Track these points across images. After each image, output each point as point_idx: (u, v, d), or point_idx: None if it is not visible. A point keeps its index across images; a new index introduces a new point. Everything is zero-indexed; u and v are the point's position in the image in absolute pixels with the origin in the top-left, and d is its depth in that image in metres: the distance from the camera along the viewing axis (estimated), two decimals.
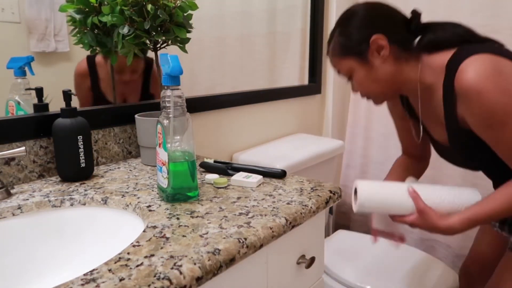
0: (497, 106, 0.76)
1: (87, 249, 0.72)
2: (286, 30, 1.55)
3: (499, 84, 0.76)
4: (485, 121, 0.79)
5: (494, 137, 0.80)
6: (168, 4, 0.85)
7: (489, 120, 0.78)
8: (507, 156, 0.81)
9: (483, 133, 0.81)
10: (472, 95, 0.77)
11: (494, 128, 0.78)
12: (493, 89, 0.75)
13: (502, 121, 0.77)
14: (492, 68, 0.77)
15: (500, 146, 0.80)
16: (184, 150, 0.71)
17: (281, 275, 0.71)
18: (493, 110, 0.76)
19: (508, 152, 0.80)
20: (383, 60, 0.88)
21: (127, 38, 0.85)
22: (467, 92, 0.78)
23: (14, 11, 0.82)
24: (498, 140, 0.80)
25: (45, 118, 0.86)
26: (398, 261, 1.32)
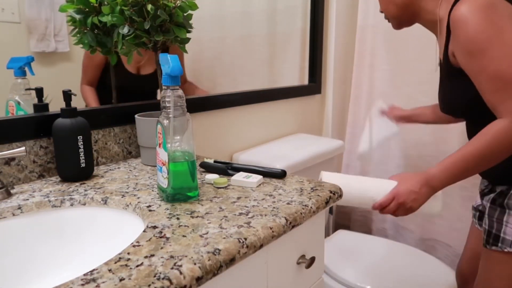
0: (479, 33, 0.78)
1: (87, 249, 0.72)
2: (286, 30, 1.55)
3: (484, 15, 0.78)
4: (467, 48, 0.81)
5: (475, 65, 0.81)
6: (168, 4, 0.85)
7: (470, 47, 0.80)
8: (484, 86, 0.81)
9: (466, 63, 0.83)
10: (459, 25, 0.81)
11: (475, 56, 0.80)
12: (477, 19, 0.78)
13: (483, 48, 0.78)
14: (486, 3, 0.79)
15: (479, 76, 0.81)
16: (184, 150, 0.71)
17: (281, 275, 0.71)
18: (475, 38, 0.79)
19: (485, 81, 0.81)
20: None
21: (127, 38, 0.85)
22: (455, 23, 0.81)
23: (14, 11, 0.82)
24: (478, 69, 0.81)
25: (45, 118, 0.86)
26: (398, 261, 1.32)
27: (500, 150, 0.80)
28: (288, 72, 1.61)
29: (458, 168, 0.84)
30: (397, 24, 1.02)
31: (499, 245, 0.93)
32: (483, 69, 0.80)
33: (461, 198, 1.52)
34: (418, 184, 0.87)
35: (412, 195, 0.87)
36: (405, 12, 0.97)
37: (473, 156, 0.82)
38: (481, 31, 0.78)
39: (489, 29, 0.78)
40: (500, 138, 0.79)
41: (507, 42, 0.77)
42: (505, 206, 0.93)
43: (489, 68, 0.79)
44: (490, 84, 0.80)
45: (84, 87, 0.95)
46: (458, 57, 0.85)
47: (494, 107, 0.81)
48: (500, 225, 0.93)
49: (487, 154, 0.81)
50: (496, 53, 0.78)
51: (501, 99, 0.79)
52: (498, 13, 0.79)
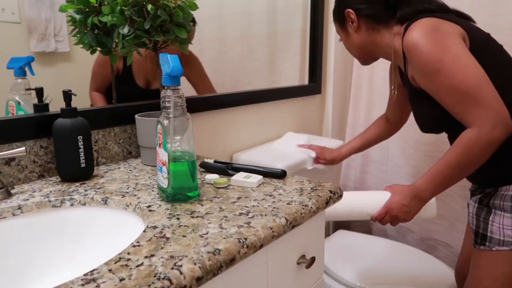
0: (429, 55, 0.86)
1: (87, 249, 0.72)
2: (286, 30, 1.55)
3: (433, 38, 0.86)
4: (422, 71, 0.89)
5: (432, 85, 0.89)
6: (168, 4, 0.85)
7: (425, 69, 0.88)
8: (446, 103, 0.88)
9: (425, 84, 0.91)
10: (411, 51, 0.89)
11: (430, 76, 0.88)
12: (427, 42, 0.86)
13: (436, 69, 0.85)
14: (431, 27, 0.88)
15: (439, 94, 0.88)
16: (184, 150, 0.71)
17: (281, 275, 0.71)
18: (427, 60, 0.86)
19: (446, 98, 0.87)
20: (354, 30, 1.06)
21: (127, 38, 0.85)
22: (407, 49, 0.90)
23: (14, 11, 0.82)
24: (436, 89, 0.88)
25: (45, 118, 0.86)
26: (398, 261, 1.32)
27: (473, 157, 0.86)
28: (288, 72, 1.61)
29: (440, 178, 0.90)
30: (362, 61, 1.14)
31: (487, 244, 0.95)
32: (440, 87, 0.87)
33: (461, 198, 1.52)
34: (408, 198, 0.94)
35: (404, 208, 0.95)
36: (363, 51, 1.09)
37: (450, 166, 0.88)
38: (430, 52, 0.86)
39: (437, 50, 0.85)
40: (470, 146, 0.85)
41: (454, 58, 0.84)
42: (491, 206, 0.95)
43: (445, 85, 0.86)
44: (450, 99, 0.87)
45: (93, 93, 0.96)
46: (417, 79, 0.92)
47: (460, 119, 0.87)
48: (486, 224, 0.95)
49: (462, 162, 0.87)
50: (448, 70, 0.84)
51: (464, 110, 0.85)
52: (442, 33, 0.87)
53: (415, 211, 0.95)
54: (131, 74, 1.03)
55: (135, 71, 1.03)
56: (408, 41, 0.89)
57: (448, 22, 0.90)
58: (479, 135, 0.83)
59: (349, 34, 1.08)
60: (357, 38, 1.06)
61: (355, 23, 1.04)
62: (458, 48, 0.85)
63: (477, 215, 0.98)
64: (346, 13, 1.04)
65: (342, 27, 1.09)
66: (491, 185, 0.96)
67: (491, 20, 1.35)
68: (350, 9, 1.03)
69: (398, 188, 0.97)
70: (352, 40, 1.08)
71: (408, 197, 0.94)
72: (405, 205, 0.94)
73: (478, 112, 0.83)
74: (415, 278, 1.23)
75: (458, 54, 0.85)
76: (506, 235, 0.92)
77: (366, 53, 1.09)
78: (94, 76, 0.95)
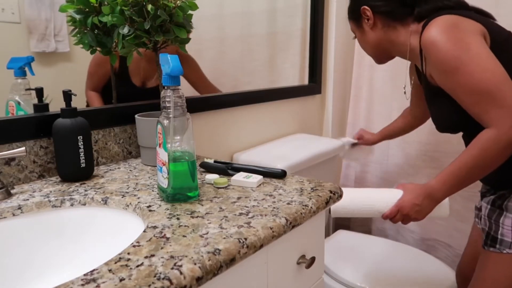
0: (448, 53, 0.84)
1: (87, 249, 0.72)
2: (286, 30, 1.55)
3: (450, 35, 0.85)
4: (441, 68, 0.87)
5: (450, 83, 0.87)
6: (168, 4, 0.85)
7: (443, 67, 0.86)
8: (464, 101, 0.86)
9: (443, 82, 0.89)
10: (429, 48, 0.87)
11: (448, 74, 0.86)
12: (445, 40, 0.85)
13: (455, 67, 0.84)
14: (449, 24, 0.87)
15: (457, 92, 0.86)
16: (184, 150, 0.71)
17: (281, 275, 0.71)
18: (446, 58, 0.85)
19: (464, 97, 0.85)
20: (370, 27, 1.06)
21: (127, 38, 0.85)
22: (426, 46, 0.88)
23: (14, 11, 0.82)
24: (454, 86, 0.86)
25: (45, 118, 0.86)
26: (398, 261, 1.32)
27: (491, 158, 0.83)
28: (288, 72, 1.61)
29: (454, 179, 0.88)
30: (376, 60, 1.14)
31: (497, 247, 0.94)
32: (458, 86, 0.85)
33: (462, 198, 1.52)
34: (420, 197, 0.91)
35: (415, 208, 0.92)
36: (379, 50, 1.08)
37: (466, 166, 0.86)
38: (449, 50, 0.84)
39: (456, 47, 0.84)
40: (488, 147, 0.82)
41: (474, 57, 0.82)
42: (504, 208, 0.94)
43: (464, 84, 0.84)
44: (468, 98, 0.84)
45: (89, 92, 0.96)
46: (435, 77, 0.90)
47: (479, 118, 0.85)
48: (497, 226, 0.94)
49: (479, 163, 0.84)
50: (467, 68, 0.82)
51: (483, 110, 0.83)
52: (462, 31, 0.85)
53: (427, 211, 0.93)
54: (127, 73, 1.03)
55: (131, 70, 1.03)
56: (426, 38, 0.87)
57: (467, 19, 0.88)
58: (498, 136, 0.81)
59: (364, 32, 1.08)
60: (372, 36, 1.06)
61: (371, 20, 1.04)
62: (478, 46, 0.83)
63: (489, 216, 0.97)
64: (362, 10, 1.04)
65: (357, 24, 1.09)
66: (505, 187, 0.94)
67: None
68: (366, 6, 1.03)
69: (411, 187, 0.95)
70: (367, 38, 1.08)
71: (421, 196, 0.91)
72: (417, 205, 0.91)
73: (497, 112, 0.80)
74: (415, 278, 1.23)
75: (478, 52, 0.82)
76: None
77: (382, 51, 1.09)
78: (91, 76, 0.95)
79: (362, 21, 1.06)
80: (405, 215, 0.93)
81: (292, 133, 1.67)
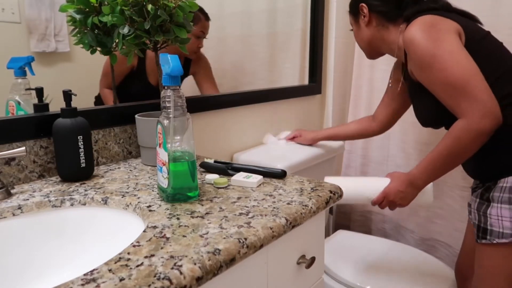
0: (424, 50, 0.91)
1: (87, 249, 0.72)
2: (286, 30, 1.55)
3: (427, 34, 0.91)
4: (418, 65, 0.94)
5: (427, 78, 0.94)
6: (168, 4, 0.85)
7: (420, 63, 0.93)
8: (440, 96, 0.93)
9: (421, 78, 0.96)
10: (408, 46, 0.94)
11: (425, 71, 0.92)
12: (422, 37, 0.91)
13: (430, 63, 0.90)
14: (427, 23, 0.93)
15: (433, 87, 0.93)
16: (184, 150, 0.71)
17: (281, 275, 0.71)
18: (422, 54, 0.91)
19: (439, 91, 0.92)
20: (365, 24, 1.12)
21: (127, 38, 0.85)
22: (406, 44, 0.95)
23: (14, 11, 0.82)
24: (430, 81, 0.93)
25: (45, 118, 0.86)
26: (398, 261, 1.32)
27: (463, 147, 0.90)
28: (288, 72, 1.61)
29: (432, 167, 0.96)
30: (368, 55, 1.19)
31: (488, 238, 0.96)
32: (434, 81, 0.92)
33: (461, 198, 1.52)
34: (404, 184, 1.00)
35: (400, 194, 1.01)
36: (371, 46, 1.15)
37: (442, 155, 0.93)
38: (425, 47, 0.91)
39: (431, 45, 0.90)
40: (460, 137, 0.89)
41: (446, 53, 0.88)
42: (490, 199, 0.96)
43: (438, 78, 0.90)
44: (443, 92, 0.91)
45: (103, 90, 0.98)
46: (415, 73, 0.97)
47: (453, 110, 0.91)
48: (486, 218, 0.96)
49: (453, 151, 0.91)
50: (440, 64, 0.89)
51: (456, 102, 0.89)
52: (438, 29, 0.91)
53: (410, 197, 1.01)
54: (145, 72, 1.04)
55: (149, 69, 1.05)
56: (407, 36, 0.94)
57: (445, 19, 0.94)
58: (468, 126, 0.87)
59: (360, 27, 1.14)
60: (367, 32, 1.12)
61: (367, 18, 1.10)
62: (451, 44, 0.89)
63: (477, 209, 1.00)
64: (360, 6, 1.10)
65: (355, 19, 1.15)
66: (491, 179, 0.97)
67: (491, 20, 1.35)
68: (364, 4, 1.09)
69: (397, 175, 1.03)
70: (362, 33, 1.14)
71: (404, 184, 0.99)
72: (401, 191, 1.00)
73: (467, 104, 0.87)
74: (415, 278, 1.23)
75: (450, 49, 0.89)
76: (505, 227, 0.93)
77: (374, 48, 1.15)
78: (105, 74, 0.97)
79: (359, 16, 1.13)
80: (391, 201, 1.02)
81: None
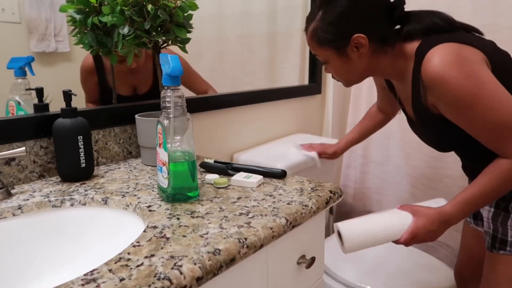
0: (463, 90, 0.80)
1: (88, 249, 0.72)
2: (286, 30, 1.55)
3: (461, 70, 0.80)
4: (454, 105, 0.83)
5: (466, 119, 0.84)
6: (168, 4, 0.85)
7: (458, 104, 0.82)
8: (480, 135, 0.85)
9: (455, 118, 0.85)
10: (438, 84, 0.82)
11: (464, 111, 0.82)
12: (456, 75, 0.80)
13: (471, 103, 0.81)
14: (455, 56, 0.81)
15: (473, 128, 0.84)
16: (184, 150, 0.71)
17: (281, 275, 0.71)
18: (460, 95, 0.80)
19: (481, 131, 0.84)
20: (360, 55, 0.91)
21: (127, 38, 0.85)
22: (433, 82, 0.82)
23: (14, 12, 0.82)
24: (470, 122, 0.84)
25: (45, 118, 0.86)
26: (398, 261, 1.32)
27: (506, 188, 0.85)
28: (288, 72, 1.61)
29: (469, 205, 0.87)
30: (349, 85, 1.02)
31: (508, 249, 0.94)
32: (475, 122, 0.83)
33: None
34: (436, 223, 0.89)
35: (430, 233, 0.90)
36: (361, 76, 0.98)
37: (482, 194, 0.86)
38: (463, 86, 0.80)
39: (469, 83, 0.80)
40: (506, 178, 0.83)
41: (489, 91, 0.80)
42: (510, 210, 0.94)
43: (480, 120, 0.82)
44: (485, 133, 0.83)
45: (88, 105, 0.97)
46: (444, 111, 0.87)
47: (495, 149, 0.84)
48: (506, 229, 0.94)
49: (496, 192, 0.85)
50: (484, 105, 0.80)
51: (501, 143, 0.83)
52: (469, 62, 0.81)
53: (439, 235, 0.91)
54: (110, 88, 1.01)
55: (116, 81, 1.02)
56: (433, 72, 0.81)
57: (468, 47, 0.84)
58: None
59: (350, 61, 0.93)
60: (361, 64, 0.93)
61: (365, 49, 0.89)
62: (489, 80, 0.81)
63: (493, 219, 0.97)
64: (355, 38, 0.88)
65: (339, 53, 0.92)
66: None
67: (491, 20, 1.35)
68: (361, 34, 0.87)
69: (423, 212, 0.90)
70: (354, 66, 0.94)
71: (436, 222, 0.89)
72: (432, 230, 0.89)
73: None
74: (414, 278, 1.23)
75: (491, 86, 0.81)
76: None
77: (365, 76, 0.99)
78: (84, 90, 0.97)
79: (348, 49, 0.90)
80: (420, 240, 0.91)
81: (292, 133, 1.67)
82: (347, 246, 0.87)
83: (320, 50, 0.95)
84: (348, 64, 0.93)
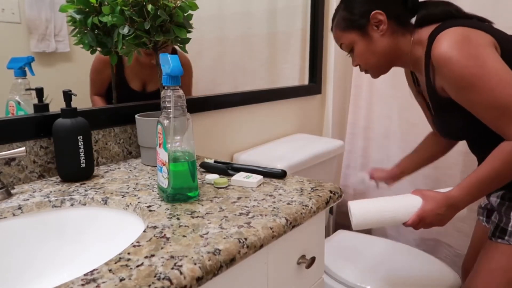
0: (464, 70, 0.82)
1: (88, 249, 0.72)
2: (286, 30, 1.55)
3: (465, 51, 0.82)
4: (457, 85, 0.85)
5: (468, 99, 0.85)
6: (168, 4, 0.85)
7: (460, 84, 0.84)
8: (483, 116, 0.86)
9: (459, 98, 0.87)
10: (442, 64, 0.84)
11: (466, 91, 0.84)
12: (459, 55, 0.82)
13: (472, 83, 0.82)
14: (461, 37, 0.84)
15: (475, 108, 0.86)
16: (185, 150, 0.71)
17: (281, 275, 0.71)
18: (462, 74, 0.82)
19: (483, 112, 0.85)
20: (381, 34, 0.96)
21: (127, 38, 0.85)
22: (438, 62, 0.85)
23: (14, 12, 0.82)
24: (472, 102, 0.85)
25: (45, 118, 0.86)
26: (398, 261, 1.32)
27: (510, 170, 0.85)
28: (288, 72, 1.61)
29: (476, 189, 0.88)
30: (376, 73, 1.04)
31: (506, 238, 0.95)
32: (477, 102, 0.84)
33: None
34: (444, 207, 0.90)
35: (438, 217, 0.91)
36: (385, 59, 1.00)
37: (489, 178, 0.86)
38: (465, 67, 0.82)
39: (472, 63, 0.81)
40: (509, 160, 0.83)
41: (491, 72, 0.81)
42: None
43: (483, 100, 0.83)
44: (489, 114, 0.84)
45: (93, 97, 0.97)
46: (449, 92, 0.89)
47: (499, 131, 0.85)
48: (508, 219, 0.95)
49: (501, 175, 0.85)
50: (485, 85, 0.81)
51: (504, 124, 0.83)
52: (475, 44, 0.83)
53: (448, 219, 0.93)
54: (125, 79, 1.03)
55: (128, 76, 1.03)
56: (439, 53, 0.84)
57: (477, 31, 0.85)
58: None
59: (372, 41, 0.98)
60: (383, 43, 0.97)
61: (384, 25, 0.95)
62: (493, 60, 0.82)
63: (498, 209, 0.99)
64: (374, 15, 0.94)
65: (361, 33, 0.98)
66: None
67: (491, 19, 1.35)
68: (379, 10, 0.94)
69: (431, 195, 0.92)
70: (376, 47, 0.98)
71: (444, 206, 0.90)
72: (440, 214, 0.91)
73: None
74: (415, 278, 1.23)
75: (494, 67, 0.81)
76: None
77: (388, 61, 1.01)
78: (92, 82, 0.97)
79: (369, 28, 0.97)
80: (428, 223, 0.93)
81: (292, 133, 1.67)
82: (355, 223, 0.92)
83: (345, 36, 1.01)
84: (371, 45, 0.98)
